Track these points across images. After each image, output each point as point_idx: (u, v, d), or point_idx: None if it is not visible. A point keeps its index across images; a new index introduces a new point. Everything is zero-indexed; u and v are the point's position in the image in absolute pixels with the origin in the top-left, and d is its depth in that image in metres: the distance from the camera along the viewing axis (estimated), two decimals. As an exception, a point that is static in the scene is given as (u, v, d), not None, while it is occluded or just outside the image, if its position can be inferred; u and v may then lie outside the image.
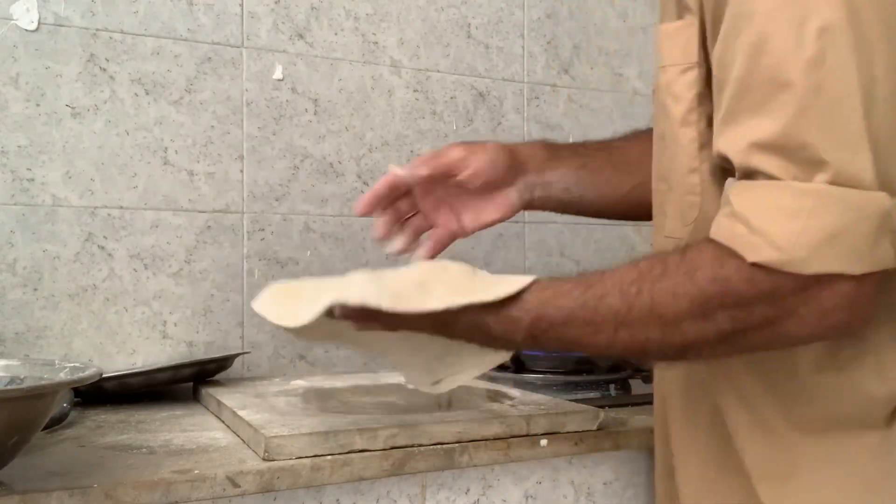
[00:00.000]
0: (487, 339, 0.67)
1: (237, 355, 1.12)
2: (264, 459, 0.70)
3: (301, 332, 0.67)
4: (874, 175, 0.53)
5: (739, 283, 0.56)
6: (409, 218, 0.83)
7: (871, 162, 0.53)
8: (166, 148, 1.14)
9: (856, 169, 0.53)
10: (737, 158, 0.57)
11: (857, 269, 0.53)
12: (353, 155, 1.26)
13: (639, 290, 0.59)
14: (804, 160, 0.54)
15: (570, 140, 1.43)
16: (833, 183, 0.53)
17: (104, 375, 0.92)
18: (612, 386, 1.07)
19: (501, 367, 1.16)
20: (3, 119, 1.05)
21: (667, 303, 0.58)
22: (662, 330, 0.59)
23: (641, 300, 0.59)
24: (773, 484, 0.64)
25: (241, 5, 1.19)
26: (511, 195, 0.83)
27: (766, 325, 0.56)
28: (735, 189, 0.58)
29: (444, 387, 0.72)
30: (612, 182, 0.85)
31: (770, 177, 0.55)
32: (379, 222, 0.81)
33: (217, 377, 1.09)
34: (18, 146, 1.06)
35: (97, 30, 1.10)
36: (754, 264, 0.55)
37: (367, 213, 0.80)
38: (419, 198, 0.83)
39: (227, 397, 0.91)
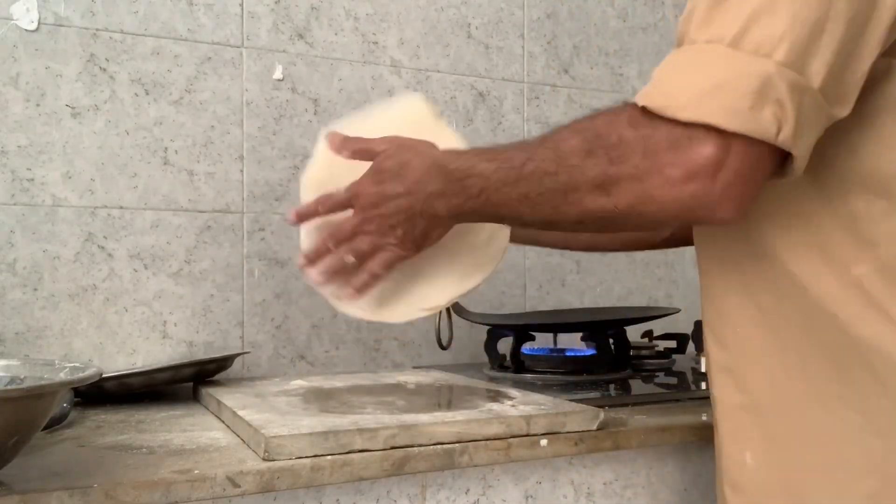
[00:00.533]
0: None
1: (237, 355, 1.12)
2: (264, 459, 0.70)
3: None
4: (784, 51, 0.53)
5: (624, 125, 0.58)
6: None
7: (784, 37, 0.53)
8: (166, 148, 1.14)
9: (760, 36, 0.54)
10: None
11: (729, 124, 0.54)
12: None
13: (554, 132, 0.64)
14: (718, 26, 0.56)
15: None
16: (731, 46, 0.55)
17: (104, 375, 0.92)
18: (612, 386, 1.07)
19: (501, 367, 1.16)
20: (3, 119, 1.05)
21: (567, 137, 0.62)
22: (557, 163, 0.61)
23: (552, 136, 0.63)
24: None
25: (241, 5, 1.19)
26: None
27: (636, 177, 0.57)
28: None
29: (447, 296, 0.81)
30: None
31: (693, 41, 0.58)
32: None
33: (217, 377, 1.09)
34: (18, 146, 1.06)
35: (97, 30, 1.10)
36: (643, 108, 0.57)
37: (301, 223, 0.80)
38: None
39: (227, 397, 0.91)
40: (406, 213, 0.71)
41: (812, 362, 0.64)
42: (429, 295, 0.82)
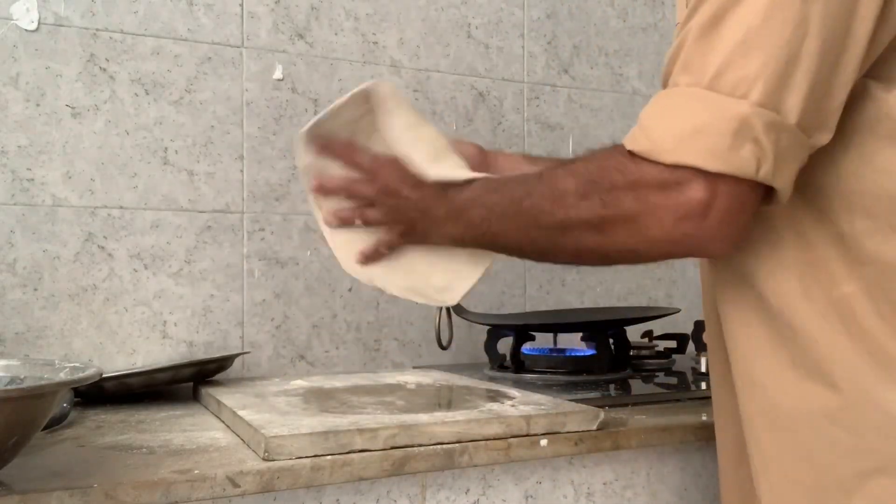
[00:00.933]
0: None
1: (237, 355, 1.12)
2: (264, 459, 0.70)
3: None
4: (759, 91, 0.55)
5: (614, 170, 0.61)
6: None
7: (758, 77, 0.56)
8: (166, 148, 1.14)
9: (735, 78, 0.56)
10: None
11: (712, 165, 0.56)
12: (353, 155, 1.26)
13: (553, 171, 0.67)
14: (697, 69, 0.58)
15: (571, 140, 1.43)
16: (709, 88, 0.57)
17: (104, 375, 0.92)
18: (612, 386, 1.07)
19: (501, 367, 1.16)
20: (3, 119, 1.05)
21: (563, 179, 0.65)
22: (553, 202, 0.65)
23: (550, 176, 0.67)
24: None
25: (241, 5, 1.19)
26: None
27: (629, 218, 0.61)
28: None
29: (457, 294, 0.83)
30: None
31: (675, 85, 0.60)
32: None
33: (217, 377, 1.09)
34: (18, 146, 1.06)
35: (97, 30, 1.10)
36: (630, 153, 0.60)
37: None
38: None
39: (227, 397, 0.91)
40: (410, 222, 0.77)
41: (807, 381, 0.64)
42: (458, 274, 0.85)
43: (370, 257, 0.82)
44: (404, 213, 0.77)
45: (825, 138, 0.59)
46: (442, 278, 0.83)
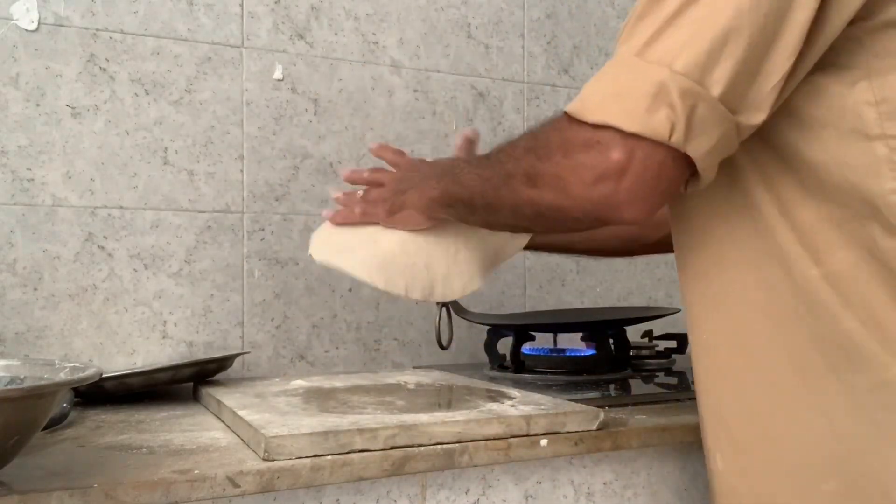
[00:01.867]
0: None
1: (237, 355, 1.12)
2: (264, 459, 0.70)
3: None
4: (683, 61, 0.58)
5: (553, 129, 0.66)
6: None
7: (684, 47, 0.58)
8: (166, 148, 1.14)
9: (664, 48, 0.59)
10: None
11: (628, 125, 0.59)
12: (353, 155, 1.26)
13: (522, 134, 0.73)
14: (633, 40, 0.61)
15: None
16: (638, 55, 0.60)
17: (104, 375, 0.92)
18: (612, 386, 1.07)
19: (501, 367, 1.16)
20: (3, 119, 1.05)
21: (520, 138, 0.71)
22: (507, 155, 0.71)
23: (515, 138, 0.73)
24: None
25: (241, 5, 1.19)
26: None
27: (556, 175, 0.64)
28: None
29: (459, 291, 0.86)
30: None
31: (616, 55, 0.64)
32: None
33: (217, 377, 1.09)
34: (18, 146, 1.06)
35: (97, 30, 1.10)
36: (565, 113, 0.65)
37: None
38: None
39: (227, 397, 0.91)
40: (402, 182, 0.85)
41: (776, 367, 0.66)
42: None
43: (345, 217, 0.88)
44: (405, 177, 0.84)
45: (757, 118, 0.60)
46: (445, 272, 0.86)
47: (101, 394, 0.98)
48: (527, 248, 0.99)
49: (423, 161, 0.88)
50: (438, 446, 0.75)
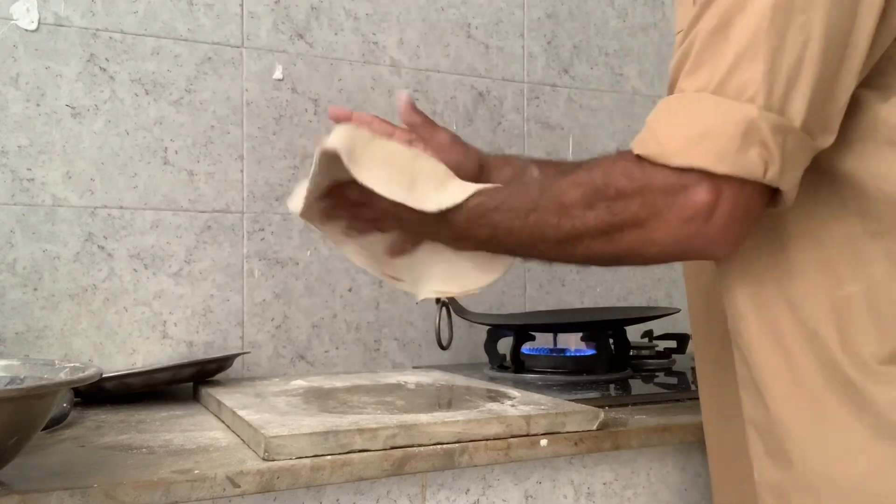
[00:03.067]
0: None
1: (237, 355, 1.12)
2: (264, 459, 0.70)
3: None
4: (765, 94, 0.57)
5: (620, 176, 0.62)
6: None
7: (764, 81, 0.57)
8: (166, 148, 1.14)
9: (742, 82, 0.57)
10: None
11: (719, 167, 0.57)
12: (353, 155, 1.26)
13: (555, 182, 0.67)
14: (704, 74, 0.59)
15: (571, 140, 1.43)
16: (715, 93, 0.58)
17: (104, 375, 0.92)
18: (612, 386, 1.07)
19: (501, 367, 1.16)
20: (3, 119, 1.05)
21: (567, 191, 0.65)
22: (559, 215, 0.65)
23: (553, 188, 0.67)
24: None
25: (241, 5, 1.19)
26: None
27: (636, 223, 0.61)
28: None
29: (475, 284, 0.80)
30: None
31: (682, 90, 0.61)
32: None
33: (217, 377, 1.09)
34: (18, 146, 1.06)
35: (97, 30, 1.10)
36: (638, 157, 0.61)
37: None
38: None
39: (227, 397, 0.91)
40: (420, 234, 0.79)
41: (808, 381, 0.64)
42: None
43: (396, 251, 0.82)
44: (412, 228, 0.77)
45: (828, 140, 0.60)
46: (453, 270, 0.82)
47: (101, 394, 0.98)
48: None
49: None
50: (438, 446, 0.75)
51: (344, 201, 0.78)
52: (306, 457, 0.71)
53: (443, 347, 1.23)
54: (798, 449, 0.64)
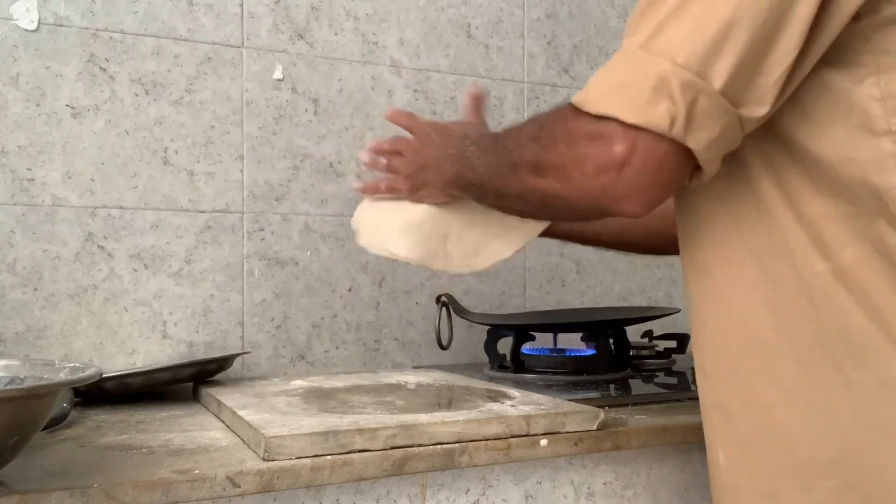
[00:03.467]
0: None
1: (237, 355, 1.12)
2: (264, 459, 0.70)
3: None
4: (685, 54, 0.58)
5: (558, 119, 0.67)
6: None
7: (686, 41, 0.59)
8: (166, 148, 1.14)
9: (665, 40, 0.60)
10: None
11: (629, 116, 0.59)
12: (353, 155, 1.26)
13: (528, 119, 0.73)
14: (637, 33, 0.62)
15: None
16: (643, 48, 0.61)
17: (104, 375, 0.92)
18: (612, 386, 1.07)
19: (501, 367, 1.16)
20: (3, 119, 1.05)
21: (526, 125, 0.72)
22: (514, 143, 0.71)
23: (522, 123, 0.73)
24: None
25: (241, 5, 1.19)
26: None
27: (560, 165, 0.65)
28: None
29: (484, 262, 0.88)
30: None
31: (622, 48, 0.64)
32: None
33: (217, 377, 1.09)
34: (18, 146, 1.06)
35: (97, 30, 1.10)
36: (570, 104, 0.65)
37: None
38: None
39: (227, 397, 0.91)
40: (424, 159, 0.86)
41: (780, 362, 0.66)
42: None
43: (374, 189, 0.92)
44: (423, 151, 0.86)
45: (758, 111, 0.60)
46: (471, 243, 0.88)
47: (101, 394, 0.98)
48: (555, 236, 1.02)
49: (436, 127, 0.89)
50: (438, 446, 0.75)
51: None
52: (306, 457, 0.71)
53: (443, 347, 1.23)
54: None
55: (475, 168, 0.77)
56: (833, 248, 0.62)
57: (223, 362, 1.07)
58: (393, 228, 0.88)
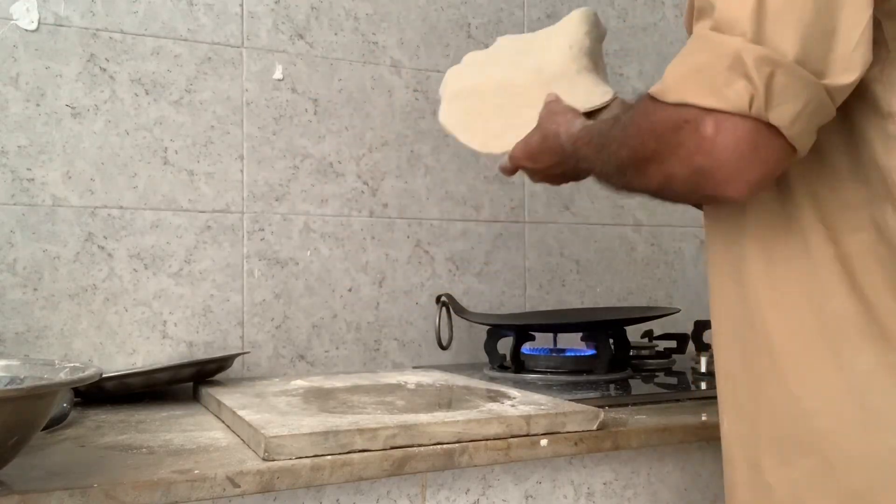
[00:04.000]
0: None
1: (237, 355, 1.12)
2: (264, 459, 0.70)
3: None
4: (752, 28, 0.57)
5: (641, 114, 0.65)
6: None
7: (752, 13, 0.57)
8: (166, 148, 1.14)
9: (733, 17, 0.58)
10: None
11: (707, 101, 0.58)
12: (353, 155, 1.26)
13: (617, 119, 0.74)
14: (705, 13, 0.61)
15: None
16: (714, 30, 0.59)
17: (104, 375, 0.92)
18: (612, 386, 1.07)
19: (501, 367, 1.16)
20: (3, 119, 1.05)
21: (614, 130, 0.71)
22: (618, 147, 0.70)
23: (616, 125, 0.73)
24: None
25: (241, 5, 1.19)
26: None
27: (656, 159, 0.63)
28: None
29: (499, 147, 0.92)
30: None
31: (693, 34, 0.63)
32: None
33: (217, 377, 1.09)
34: (18, 146, 1.06)
35: (97, 30, 1.10)
36: (648, 97, 0.64)
37: None
38: None
39: (227, 397, 0.91)
40: (563, 174, 0.88)
41: (780, 341, 0.66)
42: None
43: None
44: (543, 172, 0.89)
45: (845, 78, 0.58)
46: (497, 127, 0.92)
47: (101, 394, 0.98)
48: None
49: (529, 152, 0.89)
50: (438, 446, 0.75)
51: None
52: (306, 457, 0.71)
53: (443, 347, 1.23)
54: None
55: (598, 173, 0.78)
56: (844, 232, 0.63)
57: (223, 362, 1.07)
58: (445, 92, 0.95)
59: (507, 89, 0.93)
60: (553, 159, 0.86)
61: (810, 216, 0.65)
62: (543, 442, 0.80)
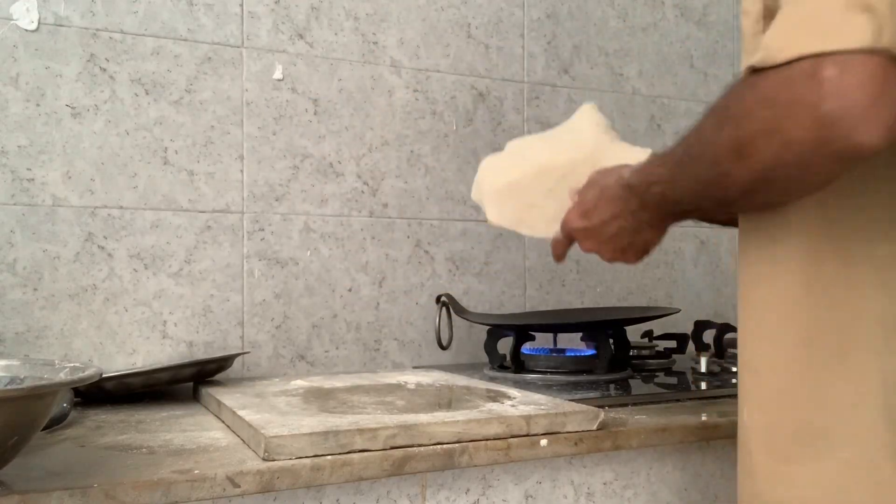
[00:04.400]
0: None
1: (237, 355, 1.12)
2: (264, 459, 0.70)
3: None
4: None
5: (741, 91, 0.59)
6: None
7: None
8: (166, 148, 1.14)
9: None
10: None
11: (825, 45, 0.52)
12: (353, 155, 1.26)
13: (696, 122, 0.66)
14: None
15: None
16: None
17: (104, 375, 0.92)
18: (612, 386, 1.07)
19: (501, 367, 1.16)
20: (3, 119, 1.05)
21: (703, 120, 0.64)
22: (699, 145, 0.65)
23: (695, 127, 0.65)
24: None
25: (241, 5, 1.19)
26: None
27: (767, 131, 0.57)
28: None
29: None
30: None
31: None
32: None
33: (217, 377, 1.09)
34: (18, 146, 1.06)
35: (97, 30, 1.10)
36: (751, 68, 0.57)
37: None
38: None
39: (227, 397, 0.91)
40: (620, 232, 0.81)
41: (816, 332, 0.65)
42: None
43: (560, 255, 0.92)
44: (612, 236, 0.82)
45: None
46: (553, 210, 0.91)
47: (101, 394, 0.98)
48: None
49: (583, 205, 0.84)
50: (438, 446, 0.75)
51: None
52: (306, 457, 0.71)
53: (443, 347, 1.23)
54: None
55: (677, 201, 0.72)
56: (886, 231, 0.62)
57: (223, 362, 1.07)
58: (486, 192, 0.95)
59: (551, 173, 0.91)
60: (609, 210, 0.80)
61: (856, 215, 0.63)
62: (543, 442, 0.80)
